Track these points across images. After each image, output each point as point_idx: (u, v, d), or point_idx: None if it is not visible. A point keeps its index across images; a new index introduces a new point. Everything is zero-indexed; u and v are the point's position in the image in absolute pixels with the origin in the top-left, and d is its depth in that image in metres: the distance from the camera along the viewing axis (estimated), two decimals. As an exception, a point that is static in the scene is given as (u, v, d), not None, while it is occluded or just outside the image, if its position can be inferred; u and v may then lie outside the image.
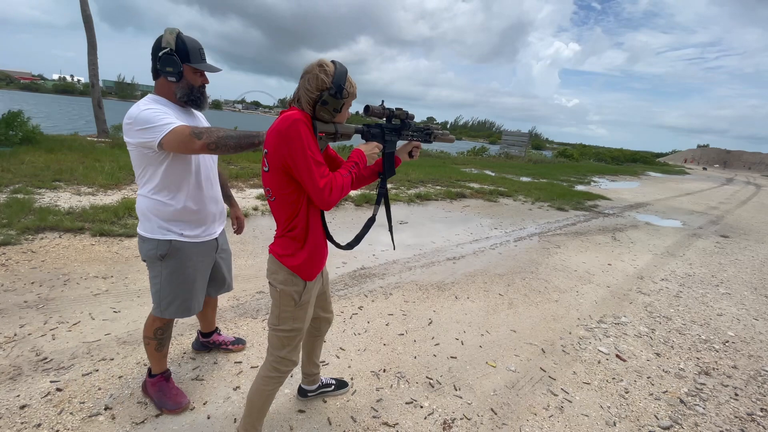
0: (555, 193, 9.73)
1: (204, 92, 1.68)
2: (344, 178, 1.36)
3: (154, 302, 1.75)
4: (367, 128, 1.52)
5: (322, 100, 1.31)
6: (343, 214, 5.82)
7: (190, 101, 1.64)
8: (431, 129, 1.72)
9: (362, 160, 1.45)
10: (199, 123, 1.73)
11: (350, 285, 3.46)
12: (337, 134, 1.39)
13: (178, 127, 1.45)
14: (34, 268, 3.08)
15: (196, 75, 1.62)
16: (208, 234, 1.78)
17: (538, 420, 2.04)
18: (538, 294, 3.68)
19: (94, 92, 10.96)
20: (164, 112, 1.50)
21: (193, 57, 1.57)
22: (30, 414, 1.73)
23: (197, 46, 1.59)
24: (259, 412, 1.57)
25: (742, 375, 2.67)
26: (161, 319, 1.77)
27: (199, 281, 1.80)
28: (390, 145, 1.57)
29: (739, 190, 17.74)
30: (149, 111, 1.48)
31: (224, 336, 2.33)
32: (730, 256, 5.75)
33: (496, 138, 64.31)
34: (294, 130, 1.25)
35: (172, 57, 1.54)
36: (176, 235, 1.66)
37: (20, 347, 2.16)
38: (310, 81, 1.31)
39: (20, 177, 5.26)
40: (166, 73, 1.56)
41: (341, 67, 1.33)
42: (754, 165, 48.65)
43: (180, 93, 1.61)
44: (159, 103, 1.58)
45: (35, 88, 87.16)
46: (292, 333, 1.49)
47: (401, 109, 1.56)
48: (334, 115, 1.36)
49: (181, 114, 1.63)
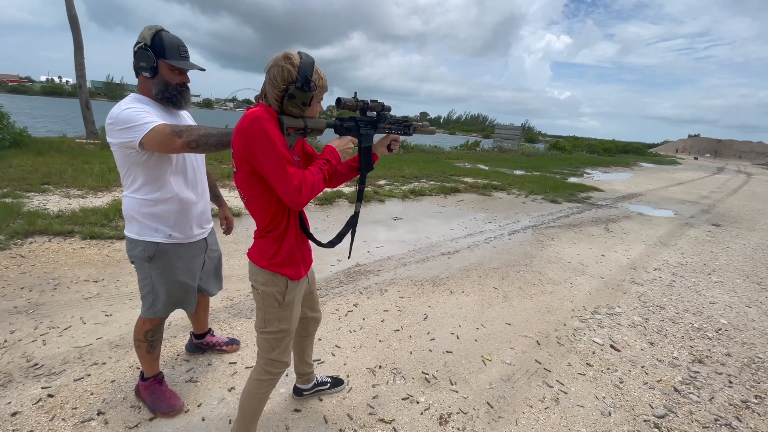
0: (548, 186, 9.76)
1: (182, 91, 1.62)
2: (314, 176, 1.29)
3: (144, 304, 1.73)
4: (340, 122, 1.45)
5: (289, 94, 1.25)
6: (337, 211, 5.79)
7: (166, 99, 1.58)
8: (410, 121, 1.65)
9: (334, 156, 1.39)
10: (183, 122, 1.70)
11: (345, 282, 3.45)
12: (306, 129, 1.32)
13: (158, 126, 1.43)
14: (23, 273, 3.03)
15: (174, 72, 1.57)
16: (196, 234, 1.75)
17: (534, 412, 2.05)
18: (533, 286, 3.69)
19: (82, 93, 10.80)
20: (145, 111, 1.47)
21: (169, 53, 1.53)
22: (21, 421, 1.70)
23: (176, 43, 1.55)
24: (253, 415, 1.56)
25: (736, 362, 2.69)
26: (151, 321, 1.75)
27: (190, 282, 1.78)
28: (366, 139, 1.50)
29: (730, 179, 17.91)
30: (129, 110, 1.45)
31: (218, 337, 2.32)
32: (721, 245, 5.80)
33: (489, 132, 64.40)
34: (255, 128, 1.20)
35: (146, 52, 1.50)
36: (163, 237, 1.63)
37: (10, 353, 2.13)
38: (275, 74, 1.25)
39: (8, 181, 5.18)
40: (140, 68, 1.53)
41: (308, 57, 1.27)
42: (744, 154, 49.15)
43: (155, 90, 1.56)
44: (140, 102, 1.55)
45: (23, 90, 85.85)
46: (279, 334, 1.46)
47: (376, 100, 1.49)
48: (304, 110, 1.30)
49: (162, 113, 1.59)
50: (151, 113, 1.48)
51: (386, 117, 1.56)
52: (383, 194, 7.01)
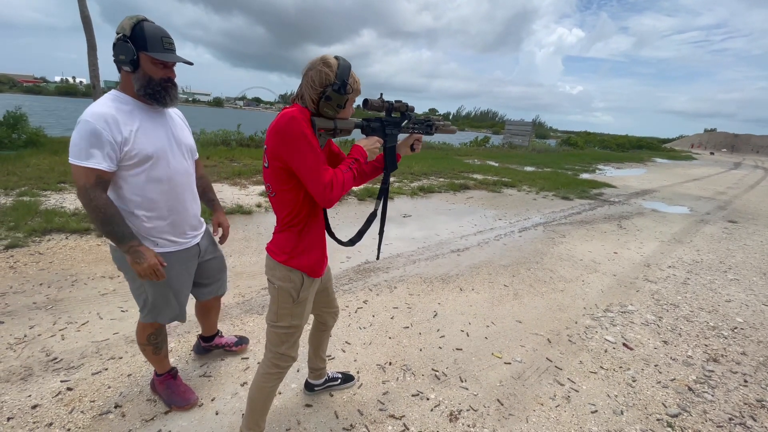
0: (559, 183, 9.65)
1: (168, 86, 1.51)
2: (344, 174, 1.34)
3: (142, 310, 1.70)
4: (367, 122, 1.49)
5: (326, 96, 1.30)
6: (347, 209, 5.81)
7: (149, 95, 1.47)
8: (432, 121, 1.68)
9: (362, 156, 1.43)
10: (171, 121, 1.63)
11: (355, 279, 3.46)
12: (336, 130, 1.37)
13: (80, 170, 1.37)
14: (41, 269, 3.11)
15: (157, 66, 1.45)
16: (185, 242, 1.69)
17: (544, 410, 2.04)
18: (544, 284, 3.67)
19: (96, 93, 10.96)
20: (97, 136, 1.36)
21: (151, 45, 1.41)
22: (42, 413, 1.75)
23: (159, 34, 1.43)
24: (262, 408, 1.58)
25: (752, 361, 2.65)
26: (152, 325, 1.74)
27: (182, 288, 1.73)
28: (391, 139, 1.54)
29: (747, 175, 17.50)
30: (80, 133, 1.36)
31: (226, 338, 2.28)
32: (738, 242, 5.68)
33: (499, 128, 63.81)
34: (292, 126, 1.25)
35: (125, 44, 1.40)
36: (150, 245, 1.57)
37: (30, 348, 2.19)
38: (313, 77, 1.30)
39: (25, 180, 5.30)
40: (120, 62, 1.43)
41: (345, 62, 1.32)
42: (762, 149, 47.94)
43: (137, 85, 1.46)
44: (120, 102, 1.47)
45: (38, 90, 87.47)
46: (290, 330, 1.49)
47: (401, 101, 1.52)
48: (338, 111, 1.35)
49: (145, 114, 1.51)
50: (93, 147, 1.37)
51: (410, 117, 1.58)
52: (392, 191, 7.01)
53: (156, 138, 1.52)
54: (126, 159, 1.44)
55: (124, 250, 1.45)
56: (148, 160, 1.49)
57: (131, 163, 1.46)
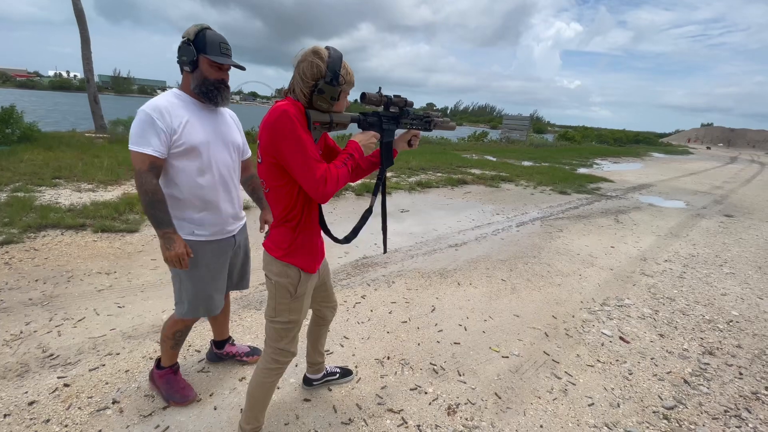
0: (557, 177, 9.67)
1: (221, 87, 1.64)
2: (339, 170, 1.31)
3: (177, 303, 1.75)
4: (364, 117, 1.46)
5: (318, 89, 1.27)
6: (344, 204, 5.80)
7: (202, 93, 1.61)
8: (431, 116, 1.65)
9: (357, 151, 1.40)
10: (223, 119, 1.73)
11: (353, 275, 3.46)
12: (332, 124, 1.35)
13: (139, 155, 1.50)
14: (37, 265, 3.09)
15: (213, 68, 1.59)
16: (223, 232, 1.74)
17: (542, 403, 2.06)
18: (541, 278, 3.68)
19: (90, 87, 10.87)
20: (151, 124, 1.51)
21: (210, 49, 1.56)
22: (38, 410, 1.75)
23: (218, 40, 1.58)
24: (261, 404, 1.58)
25: (747, 354, 2.67)
26: (183, 321, 1.77)
27: (217, 279, 1.77)
28: (388, 134, 1.51)
29: (743, 169, 17.59)
30: (137, 122, 1.51)
31: (238, 346, 2.22)
32: (734, 236, 5.72)
33: (497, 123, 63.76)
34: (283, 121, 1.22)
35: (188, 47, 1.56)
36: (187, 234, 1.64)
37: (27, 344, 2.18)
38: (305, 69, 1.27)
39: (20, 175, 5.26)
40: (182, 62, 1.59)
41: (336, 52, 1.28)
42: (758, 143, 48.16)
43: (193, 84, 1.60)
44: (177, 97, 1.60)
45: (31, 85, 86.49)
46: (288, 325, 1.48)
47: (399, 96, 1.49)
48: (332, 104, 1.32)
49: (197, 110, 1.62)
50: (154, 129, 1.52)
51: (408, 112, 1.55)
52: (390, 186, 6.99)
53: (203, 131, 1.62)
54: (174, 147, 1.56)
55: (159, 234, 1.56)
56: (193, 151, 1.59)
57: (178, 152, 1.57)
